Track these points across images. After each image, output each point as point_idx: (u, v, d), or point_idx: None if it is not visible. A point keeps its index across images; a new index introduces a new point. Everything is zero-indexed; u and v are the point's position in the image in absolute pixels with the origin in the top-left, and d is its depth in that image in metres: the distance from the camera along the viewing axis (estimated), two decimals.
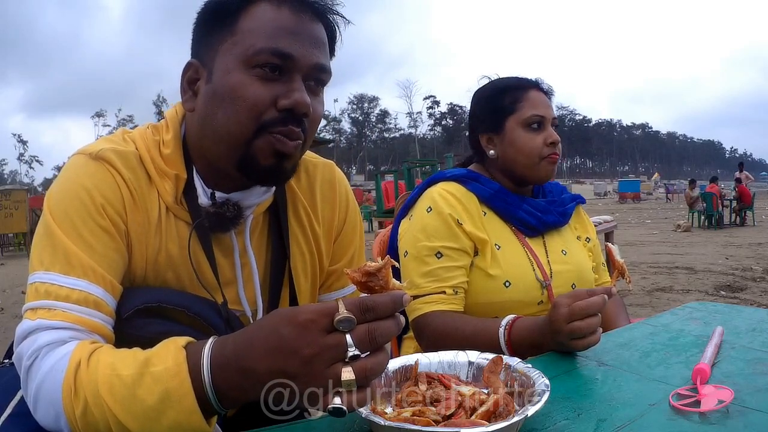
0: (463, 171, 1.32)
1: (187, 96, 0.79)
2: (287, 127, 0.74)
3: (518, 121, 1.26)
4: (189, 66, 0.78)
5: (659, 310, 4.12)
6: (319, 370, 0.53)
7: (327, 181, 0.95)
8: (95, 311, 0.69)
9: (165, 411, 0.57)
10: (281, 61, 0.73)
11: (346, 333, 0.53)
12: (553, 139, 1.25)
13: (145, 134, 0.82)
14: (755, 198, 13.90)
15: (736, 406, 0.67)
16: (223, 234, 0.82)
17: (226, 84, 0.73)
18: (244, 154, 0.75)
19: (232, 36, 0.74)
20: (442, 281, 1.17)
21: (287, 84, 0.74)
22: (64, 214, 0.71)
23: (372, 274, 0.58)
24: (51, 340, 0.65)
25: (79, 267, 0.69)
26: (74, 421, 0.60)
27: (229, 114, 0.73)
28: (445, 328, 1.13)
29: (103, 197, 0.73)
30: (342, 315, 0.53)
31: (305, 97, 0.74)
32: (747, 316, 1.13)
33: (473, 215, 1.23)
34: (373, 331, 0.54)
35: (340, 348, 0.53)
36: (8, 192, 12.15)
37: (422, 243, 1.21)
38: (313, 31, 0.76)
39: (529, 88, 1.29)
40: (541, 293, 1.20)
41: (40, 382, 0.63)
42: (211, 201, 0.80)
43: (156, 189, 0.78)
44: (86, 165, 0.75)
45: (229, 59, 0.74)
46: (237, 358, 0.57)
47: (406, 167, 10.16)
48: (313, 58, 0.75)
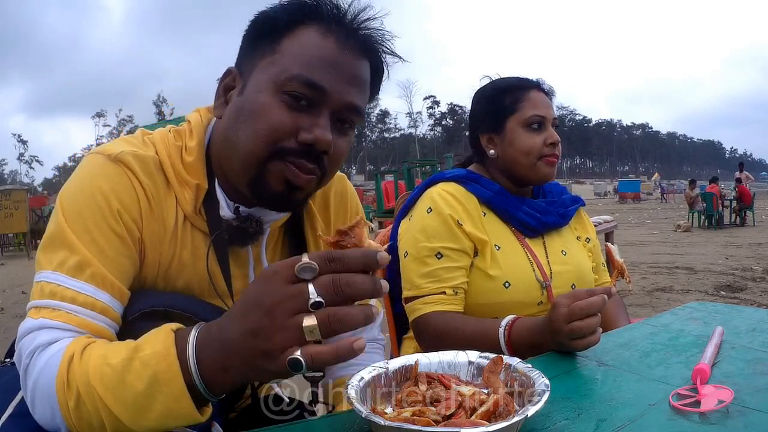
0: (463, 172, 1.32)
1: (219, 102, 0.78)
2: (302, 159, 0.72)
3: (519, 121, 1.26)
4: (228, 73, 0.78)
5: (659, 310, 4.12)
6: (282, 320, 0.51)
7: (339, 194, 0.96)
8: (101, 315, 0.68)
9: (154, 396, 0.56)
10: (312, 92, 0.71)
11: (309, 282, 0.51)
12: (553, 140, 1.25)
13: (167, 138, 0.80)
14: (755, 198, 13.90)
15: (736, 406, 0.66)
16: (240, 247, 0.81)
17: (254, 102, 0.72)
18: (256, 175, 0.74)
19: (273, 54, 0.72)
20: (442, 282, 1.17)
21: (313, 118, 0.72)
22: (77, 215, 0.70)
23: (344, 232, 0.56)
24: (50, 339, 0.64)
25: (89, 272, 0.68)
26: (68, 416, 0.60)
27: (249, 131, 0.72)
28: (445, 329, 1.13)
29: (119, 202, 0.72)
30: (303, 263, 0.51)
31: (327, 134, 0.71)
32: (747, 316, 1.12)
33: (473, 216, 1.22)
34: (337, 280, 0.51)
35: (301, 296, 0.51)
36: (8, 192, 12.14)
37: (422, 243, 1.21)
38: (355, 67, 0.74)
39: (530, 88, 1.29)
40: (541, 294, 1.20)
41: (36, 379, 0.62)
42: (234, 215, 0.79)
43: (174, 196, 0.77)
44: (104, 166, 0.73)
45: (263, 77, 0.72)
46: (218, 332, 0.56)
47: (406, 167, 10.16)
48: (347, 97, 0.73)
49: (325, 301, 0.51)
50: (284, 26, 0.73)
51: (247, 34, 0.78)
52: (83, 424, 0.59)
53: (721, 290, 5.29)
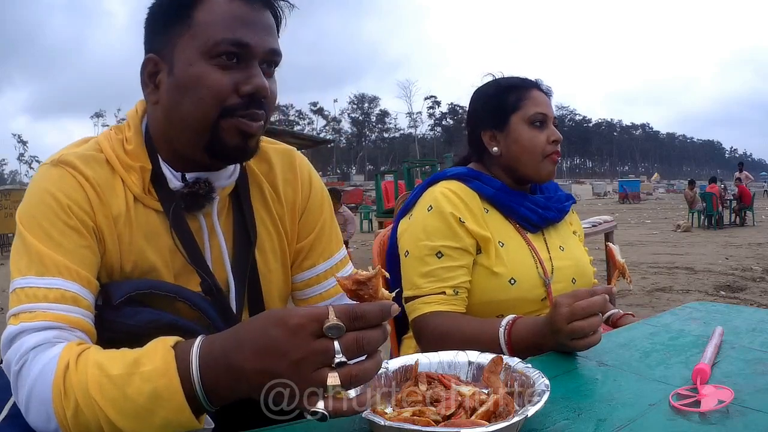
0: (464, 169, 1.32)
1: (149, 89, 0.82)
2: (249, 110, 0.79)
3: (523, 119, 1.27)
4: (148, 61, 0.81)
5: (659, 310, 4.12)
6: (306, 373, 0.54)
7: (287, 164, 0.98)
8: (74, 307, 0.71)
9: (155, 410, 0.58)
10: (239, 49, 0.77)
11: (335, 339, 0.54)
12: (555, 137, 1.27)
13: (109, 135, 0.85)
14: (755, 198, 13.89)
15: (736, 406, 0.66)
16: (195, 214, 0.84)
17: (189, 75, 0.77)
18: (211, 137, 0.79)
19: (190, 29, 0.77)
20: (442, 281, 1.17)
21: (246, 71, 0.78)
22: (32, 219, 0.74)
23: (362, 282, 0.59)
24: (37, 343, 0.66)
25: (53, 266, 0.71)
26: (65, 423, 0.61)
27: (194, 102, 0.77)
28: (445, 329, 1.13)
29: (67, 198, 0.76)
30: (332, 322, 0.54)
31: (263, 81, 0.78)
32: (747, 316, 1.13)
33: (475, 213, 1.23)
34: (361, 339, 0.55)
35: (327, 354, 0.54)
36: (8, 192, 12.17)
37: (423, 242, 1.21)
38: (265, 18, 0.80)
39: (531, 87, 1.31)
40: (544, 290, 1.21)
41: (31, 386, 0.63)
42: (182, 182, 0.83)
43: (122, 182, 0.81)
44: (49, 172, 0.78)
45: (189, 52, 0.77)
46: (225, 357, 0.58)
47: (406, 167, 10.16)
48: (267, 44, 0.80)
49: (348, 358, 0.55)
50: (190, 1, 0.77)
51: (151, 19, 0.82)
52: (82, 430, 0.61)
53: (721, 290, 5.29)
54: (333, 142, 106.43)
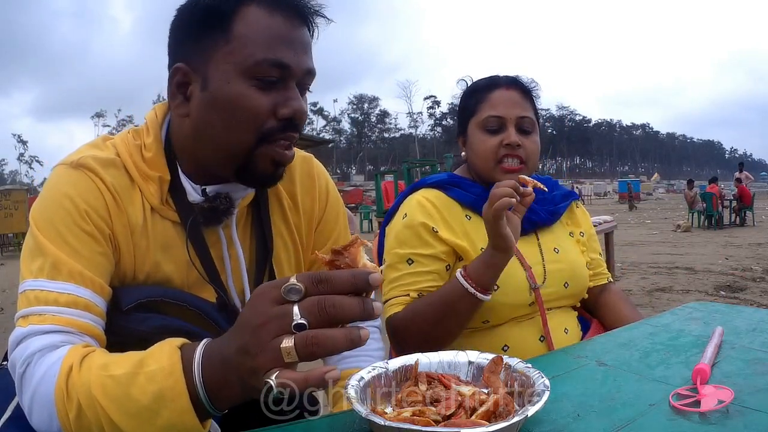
0: (445, 176, 1.29)
1: (178, 101, 0.78)
2: (286, 133, 0.76)
3: (477, 123, 1.23)
4: (177, 70, 0.77)
5: (659, 310, 4.12)
6: (265, 340, 0.51)
7: (306, 173, 0.97)
8: (85, 312, 0.69)
9: (159, 411, 0.57)
10: (279, 71, 0.74)
11: (295, 303, 0.51)
12: (509, 141, 1.17)
13: (126, 139, 0.82)
14: (755, 198, 13.89)
15: (736, 406, 0.66)
16: (213, 228, 0.83)
17: (227, 94, 0.74)
18: (244, 163, 0.76)
19: (228, 43, 0.73)
20: (408, 285, 1.16)
21: (284, 92, 0.75)
22: (48, 222, 0.73)
23: (339, 252, 0.55)
24: (43, 346, 0.65)
25: (66, 271, 0.70)
26: (68, 425, 0.60)
27: (229, 124, 0.74)
28: (409, 315, 1.13)
29: (86, 203, 0.74)
30: (289, 284, 0.51)
31: (302, 104, 0.76)
32: (747, 316, 1.12)
33: (452, 223, 1.20)
34: (323, 301, 0.51)
35: (285, 317, 0.51)
36: (8, 192, 12.18)
37: (395, 250, 1.20)
38: (303, 36, 0.77)
39: (495, 87, 1.24)
40: (530, 295, 1.17)
41: (35, 389, 0.63)
42: (203, 197, 0.81)
43: (140, 191, 0.79)
44: (67, 174, 0.76)
45: (226, 67, 0.73)
46: (219, 348, 0.57)
47: (406, 167, 10.18)
48: (305, 65, 0.77)
49: (310, 323, 0.50)
50: (228, 12, 0.73)
51: (183, 25, 0.77)
52: None
53: (721, 290, 5.29)
54: (333, 143, 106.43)
